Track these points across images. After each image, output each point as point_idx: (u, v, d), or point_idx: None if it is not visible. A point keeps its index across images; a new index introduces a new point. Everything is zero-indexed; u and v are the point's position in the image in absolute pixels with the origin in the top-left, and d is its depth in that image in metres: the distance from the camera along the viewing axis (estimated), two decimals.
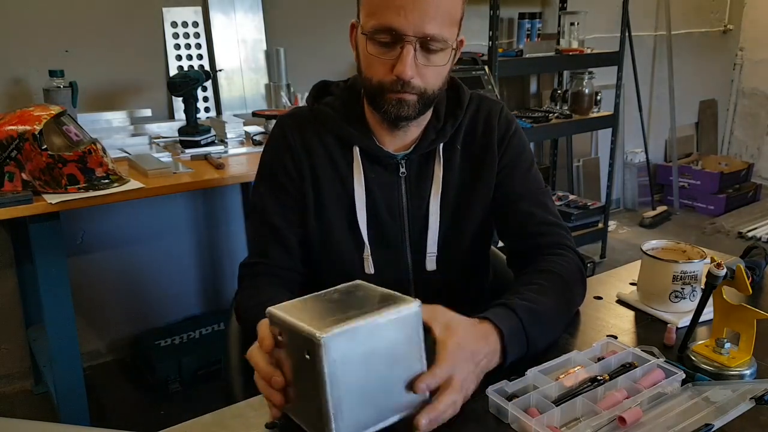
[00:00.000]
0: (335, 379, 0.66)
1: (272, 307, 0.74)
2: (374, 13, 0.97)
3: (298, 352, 0.69)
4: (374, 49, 0.98)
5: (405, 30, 0.95)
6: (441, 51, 0.99)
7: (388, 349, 0.70)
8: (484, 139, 1.13)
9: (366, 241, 1.09)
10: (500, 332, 0.86)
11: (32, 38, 2.19)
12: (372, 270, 1.10)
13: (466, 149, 1.13)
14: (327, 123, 1.10)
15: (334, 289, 0.78)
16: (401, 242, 1.12)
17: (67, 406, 1.87)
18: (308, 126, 1.11)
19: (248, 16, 2.57)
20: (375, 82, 1.01)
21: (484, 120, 1.14)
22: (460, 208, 1.13)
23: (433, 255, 1.12)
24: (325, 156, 1.10)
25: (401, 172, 1.11)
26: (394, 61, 0.97)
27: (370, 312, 0.70)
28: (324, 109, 1.11)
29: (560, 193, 3.52)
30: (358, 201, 1.09)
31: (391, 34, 0.96)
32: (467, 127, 1.14)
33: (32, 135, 1.62)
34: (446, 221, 1.12)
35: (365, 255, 1.10)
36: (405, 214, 1.11)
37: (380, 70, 0.99)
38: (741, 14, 4.66)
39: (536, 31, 3.27)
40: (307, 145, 1.10)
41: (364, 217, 1.09)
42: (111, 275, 2.48)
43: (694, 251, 1.08)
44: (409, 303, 0.72)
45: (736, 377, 0.88)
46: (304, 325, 0.67)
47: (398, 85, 0.98)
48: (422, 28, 0.95)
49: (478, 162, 1.13)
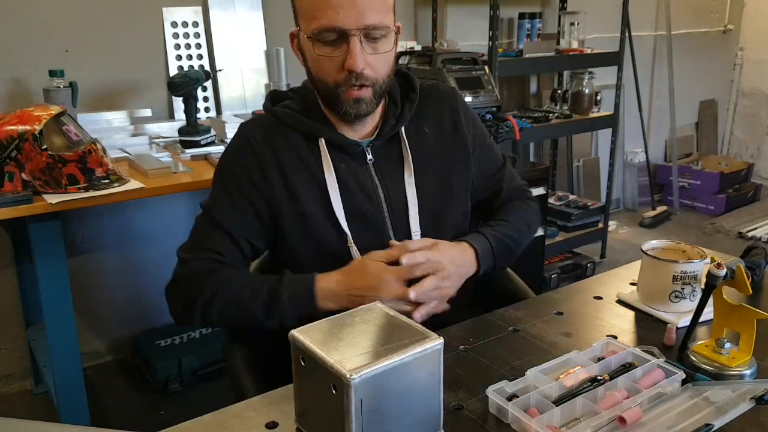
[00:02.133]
0: (359, 415, 0.68)
1: (295, 331, 0.75)
2: (314, 17, 1.01)
3: (323, 382, 0.71)
4: (321, 50, 1.03)
5: (347, 25, 1.00)
6: (383, 38, 1.04)
7: (409, 384, 0.72)
8: (451, 122, 1.21)
9: (347, 230, 1.10)
10: (474, 249, 1.12)
11: (32, 38, 2.19)
12: (359, 256, 1.11)
13: (437, 132, 1.20)
14: (289, 121, 1.13)
15: (352, 314, 0.80)
16: (383, 227, 1.14)
17: (67, 406, 1.87)
18: (270, 127, 1.13)
19: (248, 16, 2.57)
20: (329, 83, 1.05)
21: (448, 104, 1.22)
22: (442, 187, 1.18)
23: (417, 233, 1.15)
24: (292, 153, 1.11)
25: (368, 159, 1.14)
26: (342, 58, 1.02)
27: (396, 349, 0.71)
28: (283, 110, 1.14)
29: (560, 193, 3.52)
30: (332, 191, 1.10)
31: (335, 32, 1.00)
32: (434, 112, 1.20)
33: (32, 135, 1.62)
34: (428, 201, 1.16)
35: (349, 243, 1.11)
36: (383, 200, 1.14)
37: (331, 69, 1.04)
38: (741, 14, 4.66)
39: (536, 31, 3.26)
40: (272, 145, 1.11)
41: (341, 206, 1.11)
42: (111, 275, 2.48)
43: (694, 251, 1.08)
44: (434, 339, 0.73)
45: (736, 377, 0.88)
46: (333, 362, 0.69)
47: (352, 79, 1.03)
48: (362, 20, 1.00)
49: (450, 142, 1.20)
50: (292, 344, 0.75)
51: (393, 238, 1.13)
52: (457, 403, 0.84)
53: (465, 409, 0.82)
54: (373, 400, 0.69)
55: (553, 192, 3.53)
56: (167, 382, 2.30)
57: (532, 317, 1.08)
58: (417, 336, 0.74)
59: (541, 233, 2.78)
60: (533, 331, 1.04)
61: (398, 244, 1.07)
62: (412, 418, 0.73)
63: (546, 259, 2.97)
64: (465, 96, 2.44)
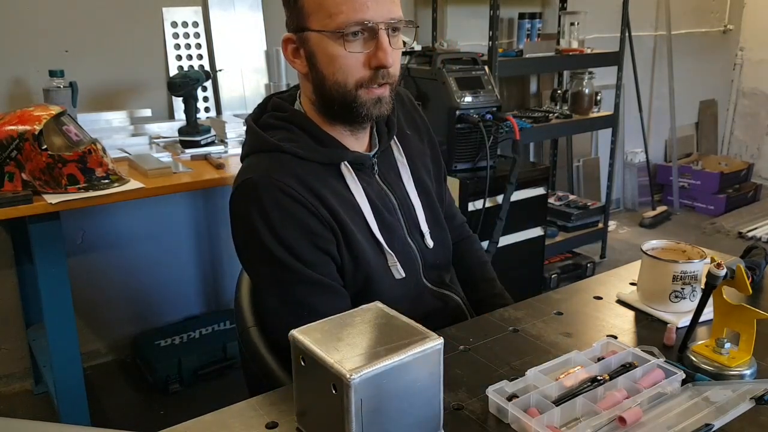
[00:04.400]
0: (359, 415, 0.68)
1: (295, 331, 0.75)
2: (338, 12, 0.96)
3: (323, 382, 0.71)
4: (350, 47, 0.97)
5: (376, 19, 0.96)
6: (399, 33, 1.02)
7: (409, 384, 0.72)
8: (422, 123, 1.24)
9: (388, 251, 1.08)
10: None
11: (32, 38, 2.19)
12: (403, 274, 1.09)
13: (415, 133, 1.22)
14: (307, 155, 1.03)
15: (352, 314, 0.79)
16: (404, 235, 1.13)
17: (67, 406, 1.87)
18: (296, 168, 1.01)
19: (248, 16, 2.57)
20: (349, 84, 1.00)
21: (412, 106, 1.25)
22: (431, 184, 1.21)
23: (428, 232, 1.17)
24: (327, 189, 1.02)
25: (375, 170, 1.13)
26: (367, 55, 0.98)
27: (396, 349, 0.71)
28: (294, 145, 1.04)
29: (560, 193, 3.52)
30: (368, 216, 1.07)
31: (362, 27, 0.97)
32: (406, 114, 1.22)
33: (32, 135, 1.62)
34: (425, 199, 1.18)
35: (390, 263, 1.08)
36: (396, 206, 1.13)
37: (355, 68, 0.99)
38: (741, 14, 4.66)
39: (536, 31, 3.26)
40: (311, 187, 1.00)
41: (376, 227, 1.07)
42: (111, 275, 2.48)
43: (694, 251, 1.08)
44: (434, 339, 0.73)
45: (736, 377, 0.88)
46: (333, 362, 0.69)
47: (379, 77, 1.00)
48: (389, 13, 0.98)
49: (423, 142, 1.24)
50: (292, 344, 0.75)
51: (411, 242, 1.14)
52: (457, 403, 0.84)
53: (465, 409, 0.82)
54: (373, 400, 0.69)
55: (553, 192, 3.53)
56: (167, 382, 2.30)
57: (532, 317, 1.08)
58: (417, 336, 0.74)
59: (541, 233, 2.78)
60: (533, 331, 1.03)
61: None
62: (412, 418, 0.73)
63: (546, 259, 2.97)
64: (465, 96, 2.44)
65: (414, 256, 1.14)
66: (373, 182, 1.11)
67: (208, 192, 2.59)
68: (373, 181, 1.11)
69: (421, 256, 1.15)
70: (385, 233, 1.09)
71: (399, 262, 1.10)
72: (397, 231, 1.11)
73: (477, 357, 0.96)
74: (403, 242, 1.12)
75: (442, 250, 1.20)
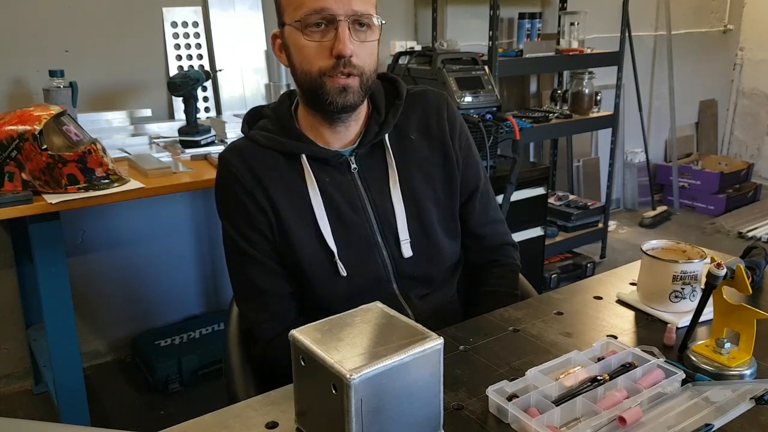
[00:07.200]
0: (359, 415, 0.69)
1: (295, 331, 0.75)
2: (302, 3, 1.02)
3: (323, 382, 0.71)
4: (310, 36, 1.03)
5: (336, 10, 1.00)
6: (369, 28, 1.05)
7: (409, 384, 0.72)
8: (437, 128, 1.18)
9: (333, 246, 1.09)
10: None
11: (32, 38, 2.19)
12: (344, 273, 1.10)
13: (422, 137, 1.18)
14: (266, 143, 1.10)
15: (352, 314, 0.79)
16: (372, 236, 1.13)
17: (67, 406, 1.87)
18: (249, 153, 1.11)
19: (248, 16, 2.57)
20: (313, 72, 1.04)
21: (435, 109, 1.19)
22: (428, 193, 1.17)
23: (407, 241, 1.14)
24: (274, 176, 1.09)
25: (353, 168, 1.13)
26: (330, 44, 1.02)
27: (396, 349, 0.71)
28: (259, 133, 1.12)
29: (560, 193, 3.52)
30: (316, 208, 1.09)
31: (323, 17, 1.01)
32: (419, 117, 1.18)
33: (32, 135, 1.62)
34: (413, 207, 1.15)
35: (335, 259, 1.10)
36: (369, 209, 1.13)
37: (317, 57, 1.03)
38: (741, 14, 4.66)
39: (536, 31, 3.26)
40: (254, 171, 1.09)
41: (326, 222, 1.10)
42: (111, 275, 2.48)
43: (694, 251, 1.08)
44: (434, 339, 0.73)
45: (736, 377, 0.88)
46: (333, 362, 0.69)
47: (340, 65, 1.02)
48: (351, 6, 1.01)
49: (435, 148, 1.18)
50: (292, 344, 0.75)
51: (382, 245, 1.13)
52: (457, 403, 0.84)
53: (465, 409, 0.82)
54: (373, 400, 0.69)
55: (553, 192, 3.53)
56: (167, 382, 2.30)
57: (532, 317, 1.08)
58: (417, 336, 0.74)
59: (541, 233, 2.79)
60: (533, 331, 1.03)
61: None
62: (412, 418, 0.73)
63: (546, 259, 2.97)
64: (465, 96, 2.44)
65: (380, 260, 1.13)
66: (344, 178, 1.12)
67: (208, 192, 2.59)
68: (343, 177, 1.12)
69: (392, 263, 1.14)
70: (341, 229, 1.10)
71: (350, 260, 1.10)
72: (358, 229, 1.11)
73: (477, 357, 0.96)
74: (366, 242, 1.12)
75: (425, 263, 1.16)
